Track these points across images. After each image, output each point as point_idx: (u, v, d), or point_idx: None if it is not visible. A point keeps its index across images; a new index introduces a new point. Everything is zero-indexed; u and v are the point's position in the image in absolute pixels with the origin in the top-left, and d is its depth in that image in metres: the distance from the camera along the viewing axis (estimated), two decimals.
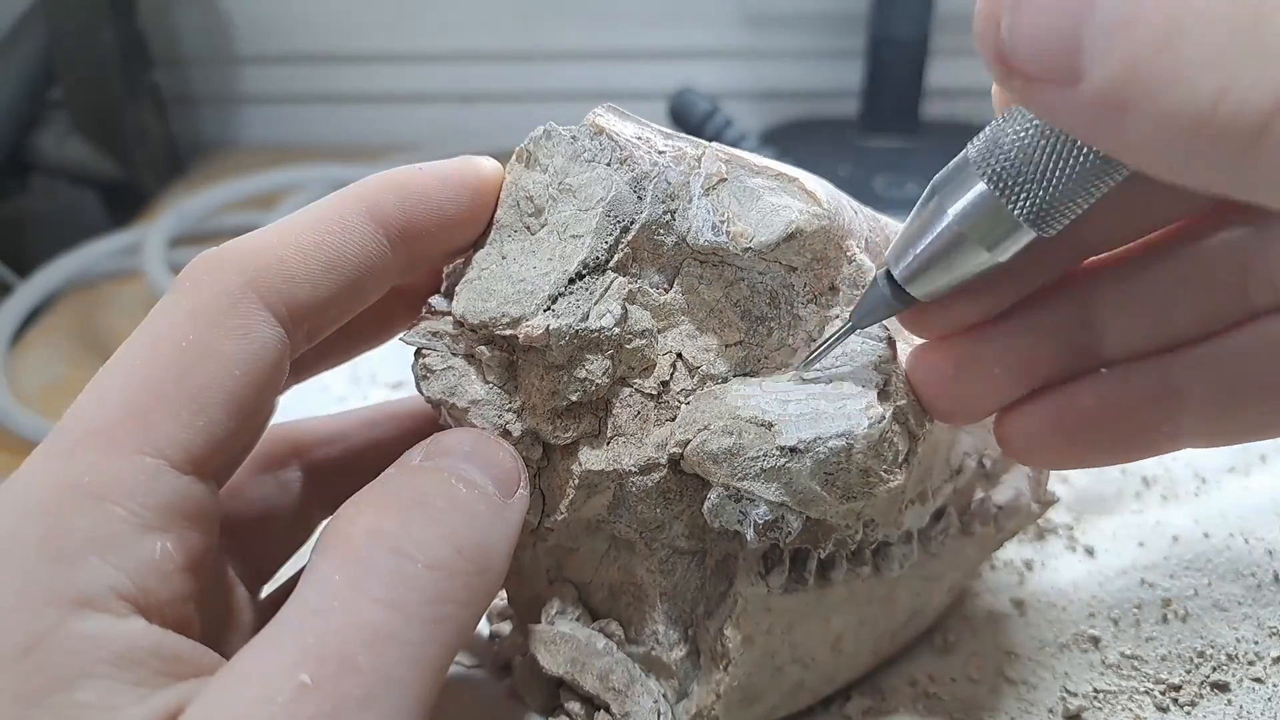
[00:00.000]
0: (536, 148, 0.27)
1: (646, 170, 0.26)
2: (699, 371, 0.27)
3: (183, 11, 0.97)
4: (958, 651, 0.34)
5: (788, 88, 0.94)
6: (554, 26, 0.93)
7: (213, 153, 1.01)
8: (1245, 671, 0.32)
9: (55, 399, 0.68)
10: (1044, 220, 0.21)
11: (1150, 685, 0.32)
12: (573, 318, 0.25)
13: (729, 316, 0.27)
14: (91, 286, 0.80)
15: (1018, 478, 0.33)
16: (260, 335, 0.23)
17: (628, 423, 0.27)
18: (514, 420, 0.26)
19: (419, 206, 0.25)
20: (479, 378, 0.27)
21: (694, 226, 0.26)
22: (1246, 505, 0.38)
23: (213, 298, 0.23)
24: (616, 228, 0.26)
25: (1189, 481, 0.40)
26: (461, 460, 0.24)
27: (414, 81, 0.97)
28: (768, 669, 0.29)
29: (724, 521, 0.26)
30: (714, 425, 0.25)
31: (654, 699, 0.29)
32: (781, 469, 0.25)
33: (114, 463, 0.21)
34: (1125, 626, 0.34)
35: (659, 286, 0.27)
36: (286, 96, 1.00)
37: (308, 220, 0.25)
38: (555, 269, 0.26)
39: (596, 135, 0.27)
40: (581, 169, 0.26)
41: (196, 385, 0.22)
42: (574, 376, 0.26)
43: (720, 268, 0.27)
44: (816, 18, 0.90)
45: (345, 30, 0.96)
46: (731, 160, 0.27)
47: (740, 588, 0.28)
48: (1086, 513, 0.40)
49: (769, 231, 0.26)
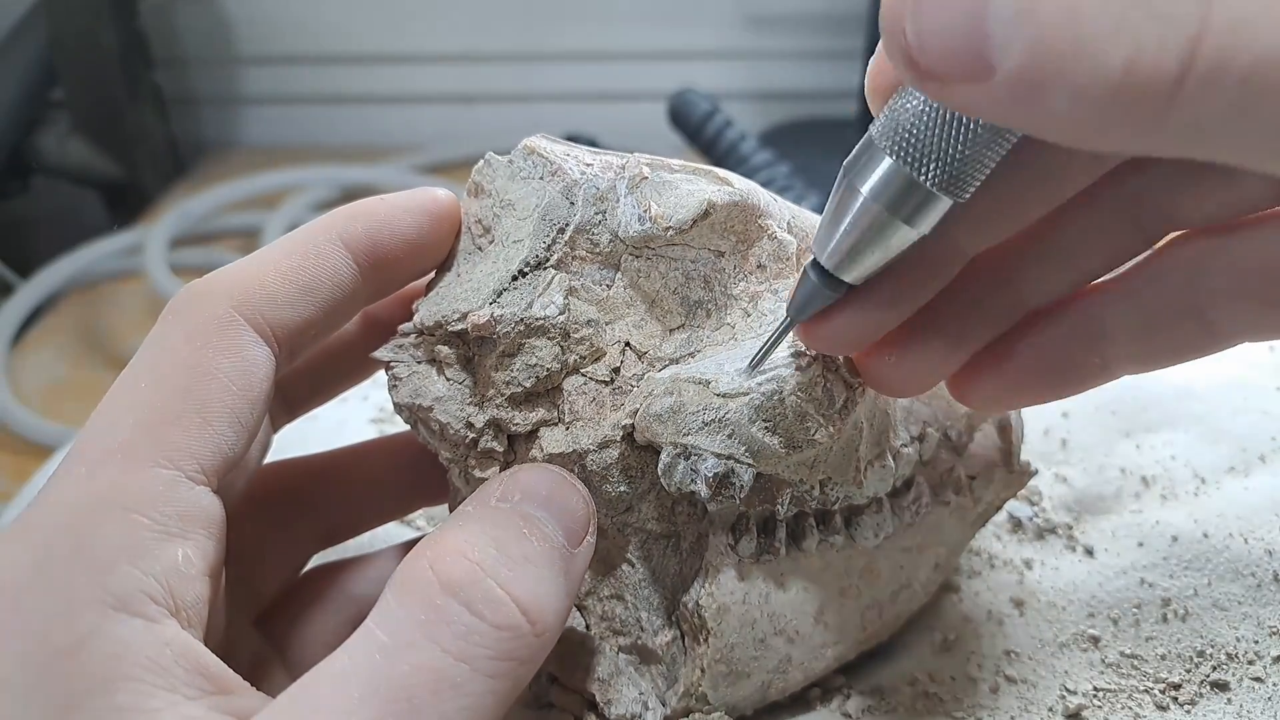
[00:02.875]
0: (480, 176, 0.30)
1: (576, 179, 0.29)
2: (647, 356, 0.29)
3: (183, 12, 0.97)
4: (957, 650, 0.34)
5: (787, 88, 0.94)
6: (554, 27, 0.94)
7: (214, 153, 1.01)
8: (1245, 671, 0.32)
9: (56, 399, 0.69)
10: (955, 185, 0.21)
11: (1150, 684, 0.32)
12: (517, 307, 0.28)
13: (669, 304, 0.29)
14: (93, 287, 0.81)
15: (987, 449, 0.35)
16: (251, 353, 0.25)
17: (584, 408, 0.29)
18: (476, 412, 0.28)
19: (383, 232, 0.28)
20: (441, 378, 0.29)
21: (623, 221, 0.28)
22: (1245, 505, 0.38)
23: (204, 322, 0.25)
24: (552, 229, 0.28)
25: (1188, 481, 0.40)
26: (538, 506, 0.26)
27: (414, 82, 0.97)
28: (750, 641, 0.29)
29: (678, 482, 0.27)
30: (656, 390, 0.28)
31: (639, 690, 0.29)
32: (722, 420, 0.27)
33: (134, 476, 0.22)
34: (1125, 626, 0.34)
35: (601, 284, 0.29)
36: (287, 97, 1.00)
37: (284, 248, 0.27)
38: (499, 269, 0.28)
39: (529, 155, 0.29)
40: (518, 186, 0.29)
41: (200, 401, 0.24)
42: (524, 363, 0.28)
43: (654, 261, 0.29)
44: (816, 18, 0.90)
45: (346, 31, 0.96)
46: (652, 163, 0.29)
47: (711, 558, 0.29)
48: (1086, 513, 0.40)
49: (684, 210, 0.28)
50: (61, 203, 0.95)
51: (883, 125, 0.22)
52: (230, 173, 0.92)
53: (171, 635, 0.21)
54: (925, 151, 0.21)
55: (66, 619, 0.20)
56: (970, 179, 0.21)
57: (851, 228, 0.23)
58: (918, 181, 0.21)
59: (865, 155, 0.22)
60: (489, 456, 0.29)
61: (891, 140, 0.21)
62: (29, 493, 0.52)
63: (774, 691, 0.31)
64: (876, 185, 0.22)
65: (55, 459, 0.55)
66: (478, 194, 0.30)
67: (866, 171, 0.22)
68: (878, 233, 0.23)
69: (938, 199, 0.22)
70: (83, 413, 0.62)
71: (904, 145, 0.21)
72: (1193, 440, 0.42)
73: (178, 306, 0.25)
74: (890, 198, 0.22)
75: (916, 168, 0.21)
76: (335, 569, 0.34)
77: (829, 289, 0.24)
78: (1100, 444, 0.43)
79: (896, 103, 0.21)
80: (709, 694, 0.29)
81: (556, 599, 0.24)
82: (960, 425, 0.34)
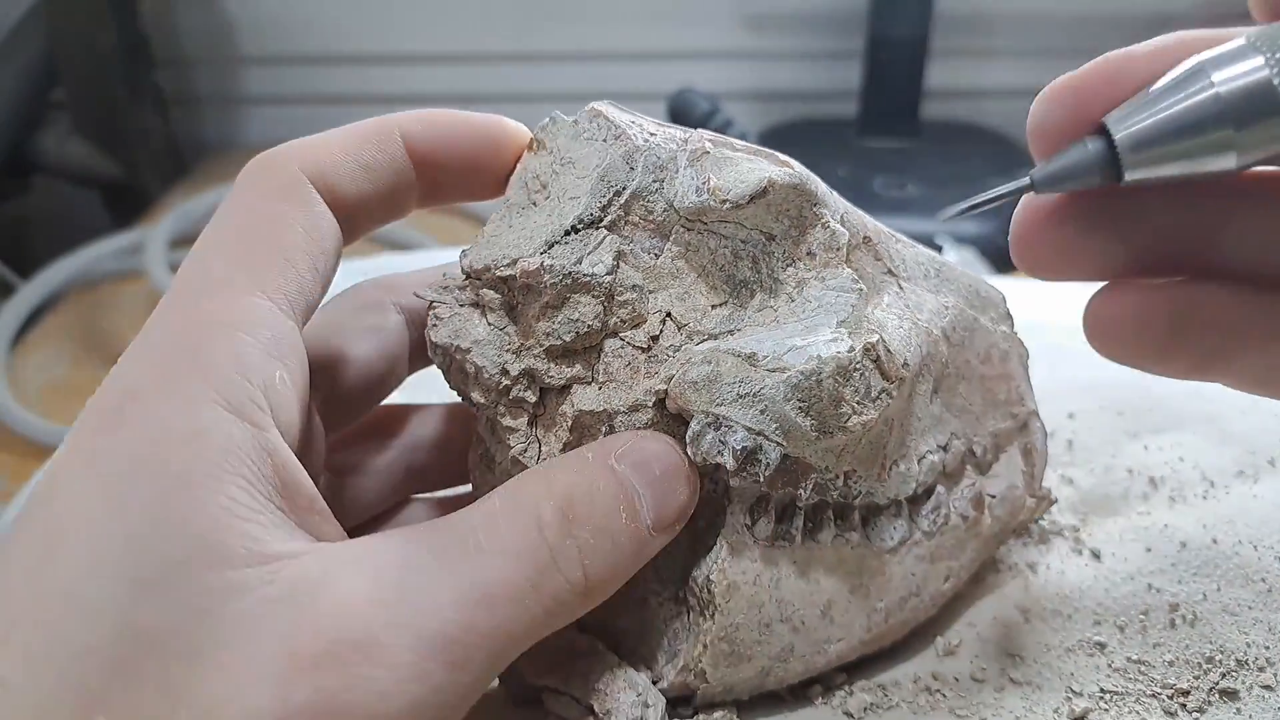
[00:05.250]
0: (543, 133, 0.30)
1: (638, 145, 0.29)
2: (686, 328, 0.29)
3: (184, 12, 0.97)
4: (961, 655, 0.34)
5: (787, 88, 0.94)
6: (554, 27, 0.93)
7: (214, 153, 1.01)
8: (1255, 678, 0.32)
9: (57, 399, 0.68)
10: None
11: (1158, 689, 0.32)
12: (566, 260, 0.28)
13: (715, 280, 0.29)
14: (93, 287, 0.80)
15: (1011, 471, 0.34)
16: (320, 210, 0.27)
17: (619, 371, 0.29)
18: (512, 360, 0.29)
19: (444, 140, 0.29)
20: (483, 321, 0.29)
21: (680, 191, 0.29)
22: (1256, 513, 0.38)
23: (279, 182, 0.26)
24: (609, 191, 0.28)
25: (1197, 484, 0.40)
26: (645, 483, 0.27)
27: (414, 82, 0.97)
28: (755, 624, 0.29)
29: (704, 451, 0.27)
30: (694, 358, 0.28)
31: (637, 692, 0.29)
32: (757, 394, 0.27)
33: (237, 302, 0.24)
34: (1132, 633, 0.34)
35: (650, 252, 0.29)
36: (288, 97, 1.00)
37: (350, 131, 0.28)
38: (553, 223, 0.28)
39: (595, 118, 0.30)
40: (580, 146, 0.29)
41: (282, 245, 0.25)
42: (566, 317, 0.28)
43: (706, 235, 0.29)
44: (816, 18, 0.90)
45: (346, 31, 0.95)
46: (715, 140, 0.30)
47: (726, 536, 0.29)
48: (1092, 514, 0.39)
49: (744, 186, 0.28)
50: (62, 203, 0.95)
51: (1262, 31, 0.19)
52: (231, 173, 0.91)
53: (274, 445, 0.23)
54: None
55: (184, 413, 0.22)
56: None
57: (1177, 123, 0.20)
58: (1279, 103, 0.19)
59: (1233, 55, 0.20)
60: (519, 406, 0.29)
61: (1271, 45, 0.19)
62: (28, 492, 0.52)
63: (772, 680, 0.31)
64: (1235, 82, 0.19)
65: None
66: (538, 150, 0.30)
67: (1228, 67, 0.19)
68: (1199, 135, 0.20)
69: None
70: None
71: None
72: (1201, 441, 0.42)
73: (250, 172, 0.27)
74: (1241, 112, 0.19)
75: None
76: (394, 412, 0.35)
77: (1100, 174, 0.22)
78: (1107, 444, 0.42)
79: None
80: (708, 671, 0.29)
81: (617, 576, 0.26)
82: (986, 442, 0.33)
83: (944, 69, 0.87)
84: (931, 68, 0.83)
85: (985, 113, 0.90)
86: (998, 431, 0.34)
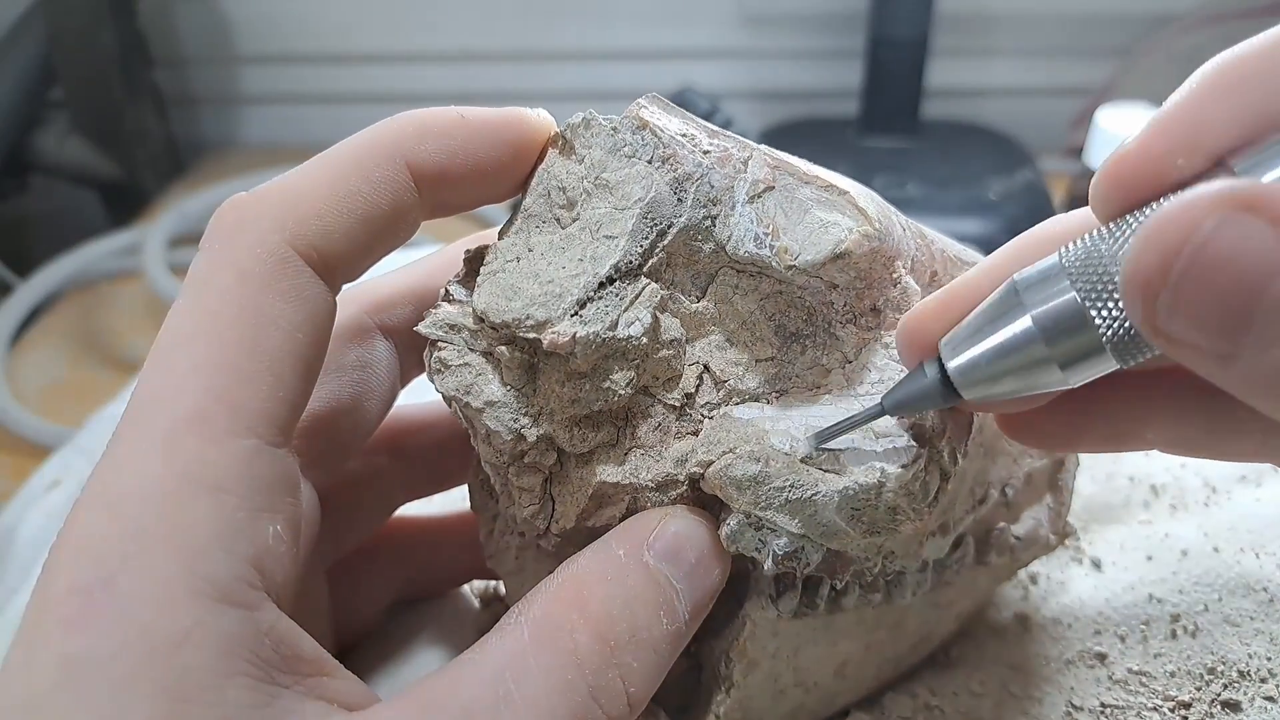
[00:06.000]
0: (575, 136, 0.26)
1: (690, 171, 0.25)
2: (726, 385, 0.26)
3: (183, 12, 0.96)
4: (960, 667, 0.34)
5: (787, 88, 0.94)
6: (554, 26, 0.93)
7: (213, 153, 1.00)
8: (1257, 689, 0.32)
9: (55, 399, 0.68)
10: (1127, 349, 0.19)
11: (1159, 702, 0.32)
12: (600, 325, 0.24)
13: (762, 330, 0.26)
14: (91, 287, 0.80)
15: (1038, 509, 0.33)
16: (312, 295, 0.23)
17: (647, 434, 0.26)
18: (530, 425, 0.25)
19: (457, 158, 0.25)
20: (496, 378, 0.25)
21: (735, 235, 0.25)
22: (1258, 518, 0.38)
23: (258, 260, 0.22)
24: (653, 231, 0.25)
25: (1199, 491, 0.39)
26: (681, 575, 0.24)
27: (414, 82, 0.97)
28: (769, 692, 0.28)
29: (741, 548, 0.25)
30: (740, 449, 0.24)
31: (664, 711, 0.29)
32: (807, 501, 0.24)
33: (216, 449, 0.21)
34: (1133, 644, 0.34)
35: (691, 294, 0.26)
36: (286, 97, 1.00)
37: (340, 166, 0.24)
38: (585, 271, 0.24)
39: (639, 130, 0.25)
40: (620, 164, 0.25)
41: (269, 356, 0.22)
42: (595, 385, 0.25)
43: (758, 278, 0.25)
44: (816, 18, 0.89)
45: (345, 31, 0.95)
46: (780, 166, 0.25)
47: (750, 611, 0.27)
48: (1093, 522, 0.39)
49: (815, 250, 0.24)
50: (60, 202, 0.95)
51: (1076, 255, 0.20)
52: (229, 172, 0.91)
53: (270, 623, 0.20)
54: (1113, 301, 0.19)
55: (168, 610, 0.19)
56: (1146, 349, 0.19)
57: (1000, 351, 0.21)
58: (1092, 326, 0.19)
59: (1045, 280, 0.20)
60: (534, 469, 0.26)
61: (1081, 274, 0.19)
62: (28, 492, 0.52)
63: None
64: (1047, 315, 0.20)
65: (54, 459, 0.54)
66: (568, 154, 0.26)
67: (1041, 295, 0.20)
68: (1026, 367, 0.20)
69: (1104, 357, 0.19)
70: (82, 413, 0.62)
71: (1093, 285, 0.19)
72: None
73: (224, 233, 0.23)
74: (1055, 335, 0.20)
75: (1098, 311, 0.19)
76: (400, 523, 0.34)
77: (941, 397, 0.22)
78: None
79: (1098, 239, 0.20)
80: None
81: (658, 682, 0.23)
82: (1019, 484, 0.31)
83: (944, 68, 0.87)
84: (932, 67, 0.82)
85: (986, 112, 0.90)
86: (1033, 471, 0.32)
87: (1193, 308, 0.16)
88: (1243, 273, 0.16)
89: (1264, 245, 0.16)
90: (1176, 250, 0.16)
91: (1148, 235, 0.16)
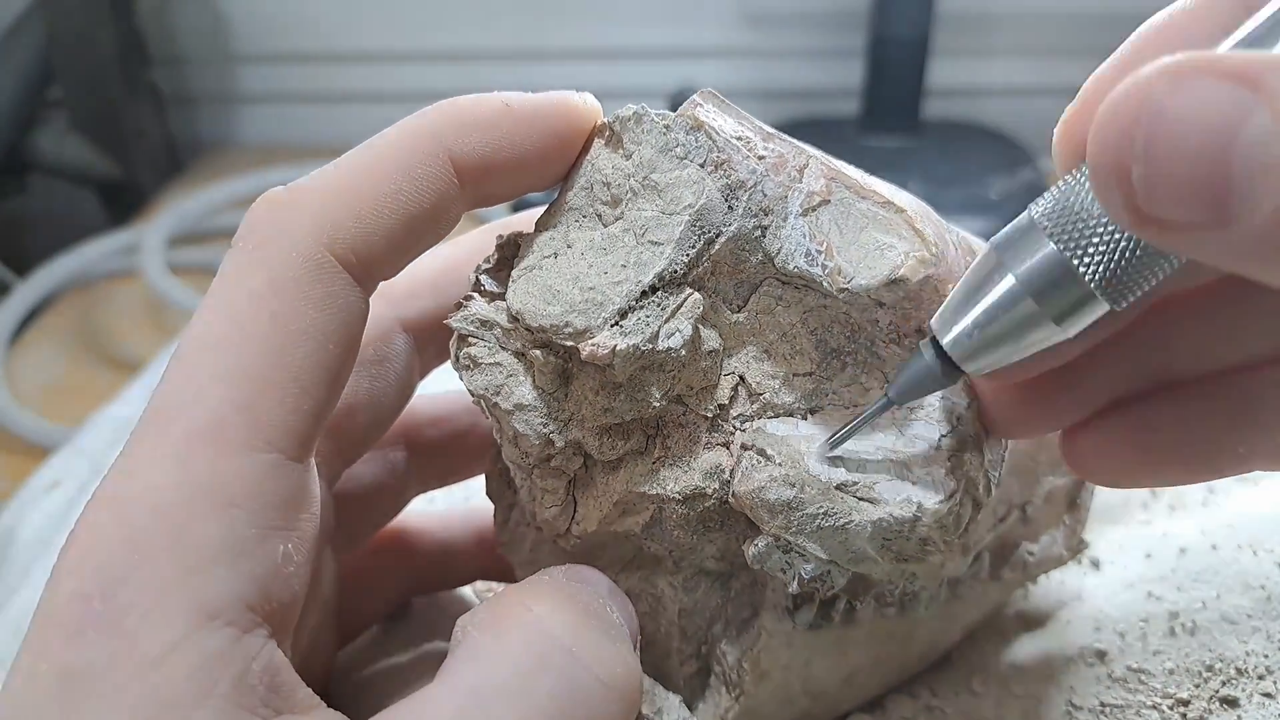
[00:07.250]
0: (623, 129, 0.25)
1: (743, 179, 0.24)
2: (761, 398, 0.25)
3: (181, 11, 0.96)
4: (959, 665, 0.34)
5: (788, 87, 0.94)
6: (554, 25, 0.93)
7: (211, 152, 1.00)
8: (1255, 686, 0.32)
9: (55, 399, 0.68)
10: (1117, 289, 0.19)
11: (1158, 699, 0.32)
12: (640, 337, 0.23)
13: (802, 344, 0.25)
14: (90, 286, 0.80)
15: (1054, 532, 0.32)
16: (346, 303, 0.22)
17: (677, 444, 0.25)
18: (559, 431, 0.25)
19: (501, 152, 0.24)
20: (528, 380, 0.25)
21: (785, 249, 0.24)
22: (1255, 516, 0.38)
23: (291, 265, 0.21)
24: (700, 239, 0.24)
25: (1197, 490, 0.40)
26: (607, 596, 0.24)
27: (413, 81, 0.97)
28: (778, 700, 0.28)
29: (767, 568, 0.24)
30: (775, 473, 0.24)
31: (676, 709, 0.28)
32: (839, 529, 0.23)
33: (232, 463, 0.20)
34: (1132, 640, 0.34)
35: (732, 303, 0.25)
36: (285, 96, 1.00)
37: (383, 164, 0.23)
38: (628, 278, 0.23)
39: (693, 130, 0.24)
40: (671, 165, 0.24)
41: (296, 367, 0.21)
42: (630, 396, 0.24)
43: (803, 291, 0.25)
44: (817, 16, 0.89)
45: (344, 29, 0.95)
46: (836, 178, 0.24)
47: (766, 622, 0.27)
48: (1093, 521, 0.39)
49: (870, 274, 0.23)
50: (58, 202, 0.95)
51: (1047, 208, 0.19)
52: (228, 171, 0.91)
53: (258, 649, 0.20)
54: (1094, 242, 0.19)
55: (157, 623, 0.19)
56: (1134, 285, 0.19)
57: (990, 315, 0.20)
58: (1078, 275, 0.19)
59: (1022, 238, 0.20)
60: (559, 473, 0.26)
61: (1057, 225, 0.19)
62: (28, 493, 0.52)
63: None
64: (1030, 271, 0.20)
65: (54, 460, 0.54)
66: (615, 148, 0.25)
67: (1022, 256, 0.20)
68: (1018, 326, 0.20)
69: (1095, 302, 0.19)
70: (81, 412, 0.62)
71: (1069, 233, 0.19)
72: None
73: (257, 233, 0.22)
74: (1043, 289, 0.19)
75: (1081, 258, 0.19)
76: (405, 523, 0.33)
77: (944, 376, 0.22)
78: None
79: (1067, 187, 0.19)
80: None
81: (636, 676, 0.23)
82: (1039, 501, 0.31)
83: (945, 67, 0.87)
84: (933, 66, 0.82)
85: (987, 111, 0.90)
86: (1053, 489, 0.32)
87: (1170, 179, 0.16)
88: (1208, 127, 0.15)
89: (1220, 98, 0.15)
90: (1135, 118, 0.16)
91: (1105, 113, 0.16)
